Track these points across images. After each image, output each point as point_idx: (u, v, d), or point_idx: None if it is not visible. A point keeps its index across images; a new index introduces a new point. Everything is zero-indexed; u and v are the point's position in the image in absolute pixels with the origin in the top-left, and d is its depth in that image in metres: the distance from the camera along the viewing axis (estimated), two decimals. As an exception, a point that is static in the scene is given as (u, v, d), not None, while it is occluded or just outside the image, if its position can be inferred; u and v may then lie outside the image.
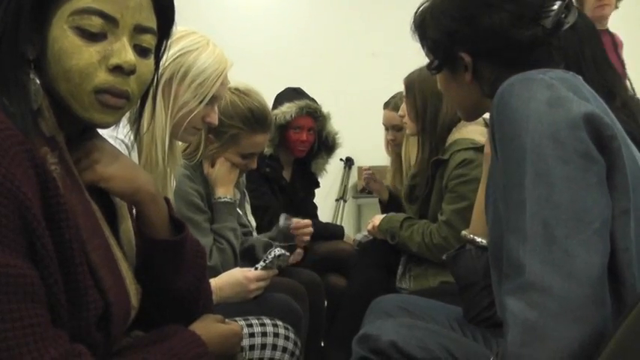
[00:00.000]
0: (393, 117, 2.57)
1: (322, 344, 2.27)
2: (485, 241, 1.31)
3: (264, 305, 1.60)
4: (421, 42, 1.17)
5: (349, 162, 4.83)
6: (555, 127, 0.81)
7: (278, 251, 1.69)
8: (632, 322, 0.69)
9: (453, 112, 1.94)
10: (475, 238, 1.34)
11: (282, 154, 2.64)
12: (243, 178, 2.14)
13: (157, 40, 0.89)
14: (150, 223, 0.94)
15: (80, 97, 0.79)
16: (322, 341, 2.26)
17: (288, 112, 2.53)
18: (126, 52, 0.80)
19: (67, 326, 0.74)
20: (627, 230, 0.83)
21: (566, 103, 0.83)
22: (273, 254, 1.68)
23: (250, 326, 1.35)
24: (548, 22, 1.02)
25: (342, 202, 4.76)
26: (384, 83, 2.94)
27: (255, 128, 1.89)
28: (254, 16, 4.81)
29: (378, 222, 2.22)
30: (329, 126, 2.69)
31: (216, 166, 1.90)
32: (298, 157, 2.65)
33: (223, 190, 1.89)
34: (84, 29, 0.78)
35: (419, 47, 1.19)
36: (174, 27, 0.93)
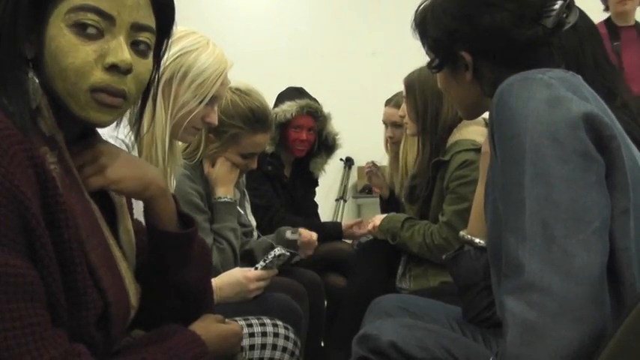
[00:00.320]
0: (394, 114, 2.55)
1: (322, 344, 2.27)
2: (483, 241, 1.31)
3: (264, 305, 1.60)
4: (421, 41, 1.17)
5: (349, 162, 4.83)
6: (555, 127, 0.81)
7: (278, 251, 1.70)
8: (631, 322, 0.68)
9: (454, 112, 1.93)
10: (473, 238, 1.34)
11: (283, 152, 2.65)
12: (243, 178, 2.13)
13: (158, 39, 0.89)
14: (159, 217, 0.94)
15: (76, 95, 0.79)
16: (322, 341, 2.26)
17: (289, 110, 2.53)
18: (122, 51, 0.79)
19: (67, 326, 0.74)
20: (627, 230, 0.83)
21: (566, 102, 0.83)
22: (273, 254, 1.68)
23: (250, 326, 1.35)
24: (549, 21, 1.02)
25: (342, 202, 4.76)
26: (384, 83, 2.93)
27: (255, 128, 1.89)
28: (254, 16, 4.81)
29: (378, 222, 2.21)
30: (329, 126, 2.68)
31: (216, 165, 1.90)
32: (297, 156, 2.66)
33: (223, 189, 1.89)
34: (80, 26, 0.77)
35: (419, 46, 1.19)
36: (174, 27, 0.93)
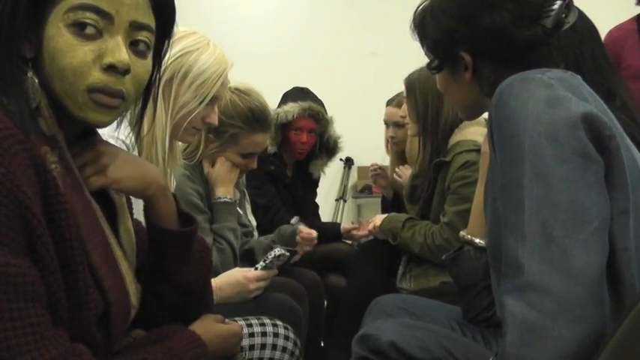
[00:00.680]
0: (395, 114, 2.53)
1: (322, 344, 2.27)
2: (483, 241, 1.31)
3: (264, 305, 1.60)
4: (421, 41, 1.17)
5: (349, 162, 4.84)
6: (554, 127, 0.81)
7: (278, 251, 1.70)
8: (631, 322, 0.68)
9: (455, 112, 1.93)
10: (473, 239, 1.34)
11: (285, 153, 2.65)
12: (242, 178, 2.13)
13: (158, 40, 0.89)
14: (160, 216, 0.95)
15: (74, 95, 0.79)
16: (322, 341, 2.26)
17: (291, 112, 2.53)
18: (120, 51, 0.79)
19: (67, 325, 0.74)
20: (626, 230, 0.83)
21: (565, 102, 0.83)
22: (273, 254, 1.68)
23: (250, 326, 1.35)
24: (548, 21, 1.02)
25: (342, 202, 4.77)
26: (384, 83, 2.93)
27: (255, 128, 1.89)
28: (254, 16, 4.82)
29: (379, 222, 2.21)
30: (331, 129, 2.68)
31: (216, 165, 1.90)
32: (298, 158, 2.66)
33: (223, 190, 1.89)
34: (78, 25, 0.77)
35: (419, 47, 1.19)
36: (175, 27, 0.93)
